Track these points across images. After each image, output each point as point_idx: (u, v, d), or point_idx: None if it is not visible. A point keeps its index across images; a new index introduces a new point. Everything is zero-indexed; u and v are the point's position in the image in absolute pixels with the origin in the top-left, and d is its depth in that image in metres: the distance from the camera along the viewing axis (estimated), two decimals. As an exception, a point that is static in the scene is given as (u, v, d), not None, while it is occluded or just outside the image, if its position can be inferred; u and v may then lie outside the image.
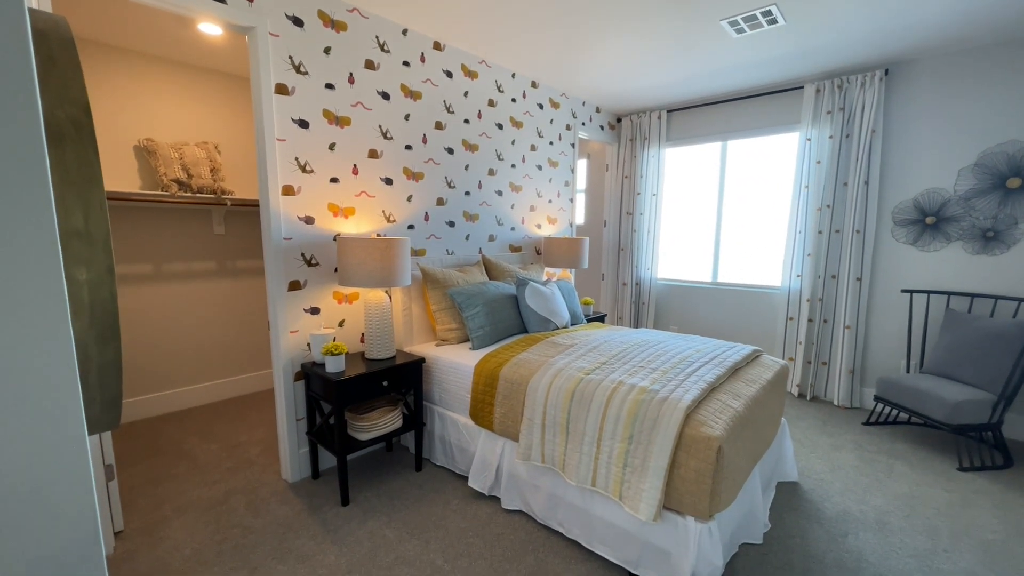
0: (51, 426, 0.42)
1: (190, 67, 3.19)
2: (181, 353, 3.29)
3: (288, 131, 2.20)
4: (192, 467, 2.52)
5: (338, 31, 2.34)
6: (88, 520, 0.45)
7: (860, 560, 1.81)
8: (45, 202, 0.44)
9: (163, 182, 2.98)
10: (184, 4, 1.85)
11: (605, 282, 4.88)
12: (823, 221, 3.52)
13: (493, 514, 2.10)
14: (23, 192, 0.42)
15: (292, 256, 2.29)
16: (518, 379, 2.08)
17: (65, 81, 0.60)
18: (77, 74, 0.60)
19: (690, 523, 1.53)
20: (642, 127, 4.43)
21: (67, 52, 0.60)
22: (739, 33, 2.73)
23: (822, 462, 2.60)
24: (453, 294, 2.58)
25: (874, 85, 3.21)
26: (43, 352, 0.41)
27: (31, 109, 0.43)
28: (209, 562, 1.80)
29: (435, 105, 2.87)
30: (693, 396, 1.67)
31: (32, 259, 0.41)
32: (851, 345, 3.43)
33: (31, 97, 0.43)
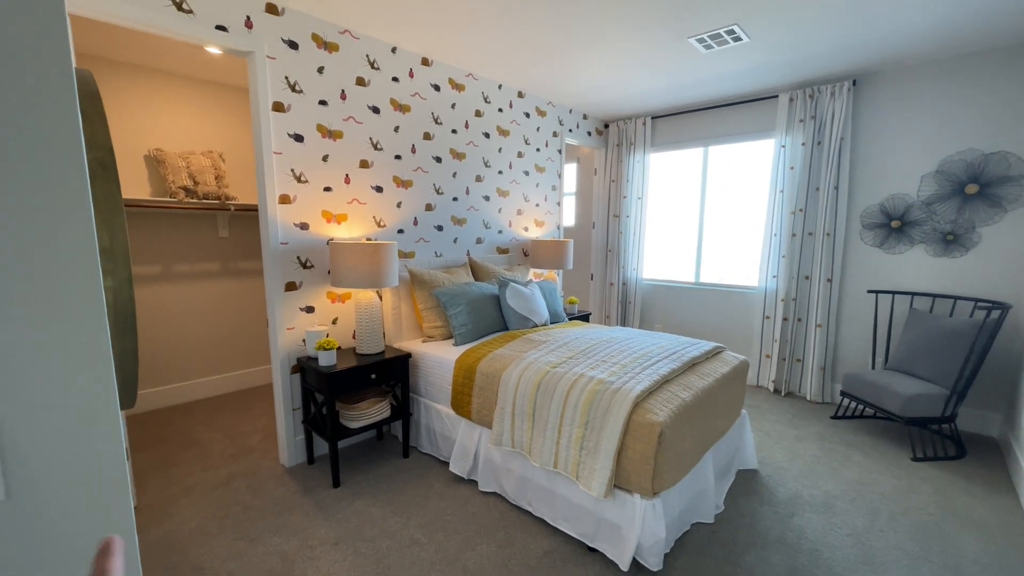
0: (95, 398, 0.61)
1: (196, 81, 3.40)
2: (188, 348, 3.51)
3: (284, 145, 2.41)
4: (198, 453, 2.74)
5: (331, 52, 2.54)
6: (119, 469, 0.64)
7: (800, 537, 1.99)
8: (89, 228, 0.64)
9: (171, 189, 3.19)
10: (191, 33, 2.05)
11: (594, 282, 5.06)
12: (796, 224, 3.69)
13: (471, 496, 2.29)
14: (74, 220, 0.61)
15: (288, 259, 2.49)
16: (493, 372, 2.27)
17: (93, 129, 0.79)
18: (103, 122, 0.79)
19: (637, 500, 1.72)
20: (628, 133, 4.61)
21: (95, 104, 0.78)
22: (708, 49, 2.90)
23: (784, 452, 2.78)
24: (438, 294, 2.77)
25: (843, 95, 3.37)
26: (90, 341, 0.60)
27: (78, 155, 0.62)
28: (212, 534, 2.01)
29: (423, 117, 3.06)
30: (644, 387, 1.86)
31: (81, 271, 0.61)
32: (822, 343, 3.59)
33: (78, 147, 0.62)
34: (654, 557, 1.69)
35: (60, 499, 0.58)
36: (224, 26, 2.15)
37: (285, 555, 1.88)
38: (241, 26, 2.20)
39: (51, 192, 0.55)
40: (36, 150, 0.54)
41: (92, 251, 0.60)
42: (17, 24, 0.51)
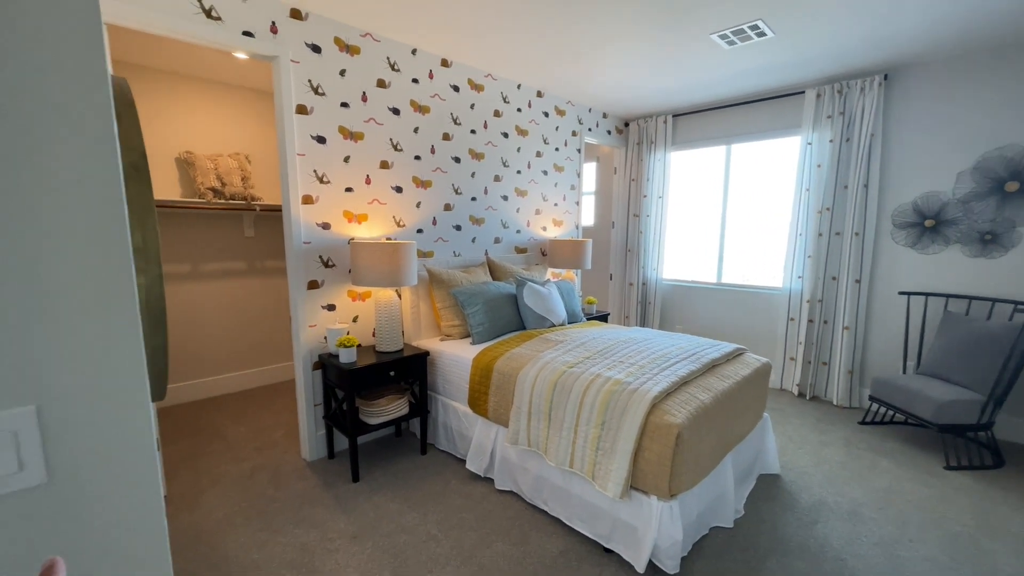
0: (128, 390, 0.64)
1: (223, 85, 3.51)
2: (215, 344, 3.63)
3: (307, 146, 2.46)
4: (224, 446, 2.83)
5: (352, 55, 2.59)
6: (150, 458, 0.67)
7: (824, 545, 1.94)
8: (123, 229, 0.67)
9: (200, 190, 3.30)
10: (219, 40, 2.12)
11: (613, 282, 5.02)
12: (823, 223, 3.58)
13: (487, 494, 2.31)
14: (110, 222, 0.64)
15: (311, 258, 2.55)
16: (509, 371, 2.28)
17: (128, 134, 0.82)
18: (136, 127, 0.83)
19: (653, 501, 1.70)
20: (648, 131, 4.55)
21: (129, 110, 0.82)
22: (731, 45, 2.85)
23: (808, 457, 2.70)
24: (456, 293, 2.80)
25: (873, 90, 3.26)
26: (123, 336, 0.63)
27: (114, 160, 0.65)
28: (237, 524, 2.07)
29: (443, 118, 3.09)
30: (661, 388, 1.84)
31: (115, 270, 0.64)
32: (850, 346, 3.48)
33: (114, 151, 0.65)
34: (671, 560, 1.67)
35: (95, 484, 0.61)
36: (251, 32, 2.21)
37: (306, 547, 1.93)
38: (267, 31, 2.26)
39: (88, 194, 0.58)
40: (74, 154, 0.57)
41: (126, 250, 0.63)
42: (56, 34, 0.54)
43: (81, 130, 0.57)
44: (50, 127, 0.55)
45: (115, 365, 0.62)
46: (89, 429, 0.60)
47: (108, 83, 0.59)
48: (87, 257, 0.59)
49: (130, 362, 0.63)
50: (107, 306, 0.61)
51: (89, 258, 0.59)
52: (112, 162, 0.60)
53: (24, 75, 0.53)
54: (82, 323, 0.59)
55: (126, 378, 0.63)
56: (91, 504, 0.61)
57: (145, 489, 0.65)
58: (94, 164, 0.58)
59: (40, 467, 0.57)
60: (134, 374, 0.63)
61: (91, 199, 0.59)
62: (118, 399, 0.62)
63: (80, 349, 0.59)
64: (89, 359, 0.60)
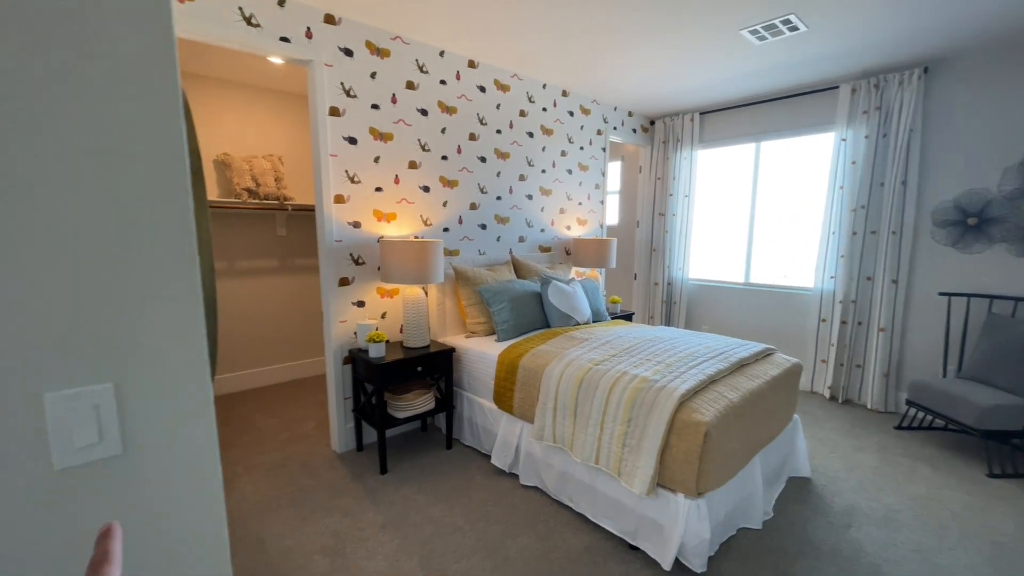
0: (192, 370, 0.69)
1: (257, 89, 3.64)
2: (249, 339, 3.76)
3: (339, 147, 2.54)
4: (257, 437, 2.94)
5: (383, 57, 2.66)
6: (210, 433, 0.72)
7: (858, 550, 1.89)
8: (191, 225, 0.72)
9: (236, 190, 3.44)
10: (259, 46, 2.21)
11: (637, 282, 4.98)
12: (858, 222, 3.48)
13: (512, 488, 2.33)
14: (180, 218, 0.69)
15: (342, 256, 2.63)
16: (535, 368, 2.30)
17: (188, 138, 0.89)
18: (193, 133, 0.89)
19: (680, 499, 1.69)
20: (675, 129, 4.50)
21: (188, 118, 0.88)
22: (761, 41, 2.80)
23: (840, 461, 2.63)
24: (481, 291, 2.83)
25: (912, 83, 3.14)
26: (190, 322, 0.68)
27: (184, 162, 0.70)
28: (271, 510, 2.16)
29: (469, 118, 3.13)
30: (689, 386, 1.83)
31: (184, 261, 0.69)
32: (886, 348, 3.37)
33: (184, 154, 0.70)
34: (698, 558, 1.66)
35: (162, 457, 0.66)
36: (287, 37, 2.30)
37: (337, 534, 1.99)
38: (302, 37, 2.34)
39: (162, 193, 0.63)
40: (151, 157, 0.62)
41: (192, 244, 0.67)
42: (137, 51, 0.59)
43: (158, 136, 0.62)
44: (132, 132, 0.60)
45: (182, 348, 0.66)
46: (158, 406, 0.65)
47: (180, 92, 0.64)
48: (159, 250, 0.64)
49: (194, 346, 0.68)
50: (176, 294, 0.65)
51: (161, 251, 0.64)
52: (182, 164, 0.65)
53: (112, 86, 0.58)
54: (154, 309, 0.64)
55: (191, 360, 0.68)
56: (158, 476, 0.66)
57: (205, 465, 0.70)
58: (168, 166, 0.63)
59: (116, 439, 0.62)
60: (198, 357, 0.68)
61: (164, 198, 0.64)
62: (184, 379, 0.67)
63: (152, 332, 0.64)
64: (160, 342, 0.65)
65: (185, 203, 0.66)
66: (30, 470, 0.57)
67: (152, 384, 0.65)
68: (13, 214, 0.54)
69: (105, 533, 0.33)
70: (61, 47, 0.55)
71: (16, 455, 0.56)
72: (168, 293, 0.65)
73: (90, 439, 0.60)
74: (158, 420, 0.66)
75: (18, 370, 0.55)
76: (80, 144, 0.57)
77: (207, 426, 0.70)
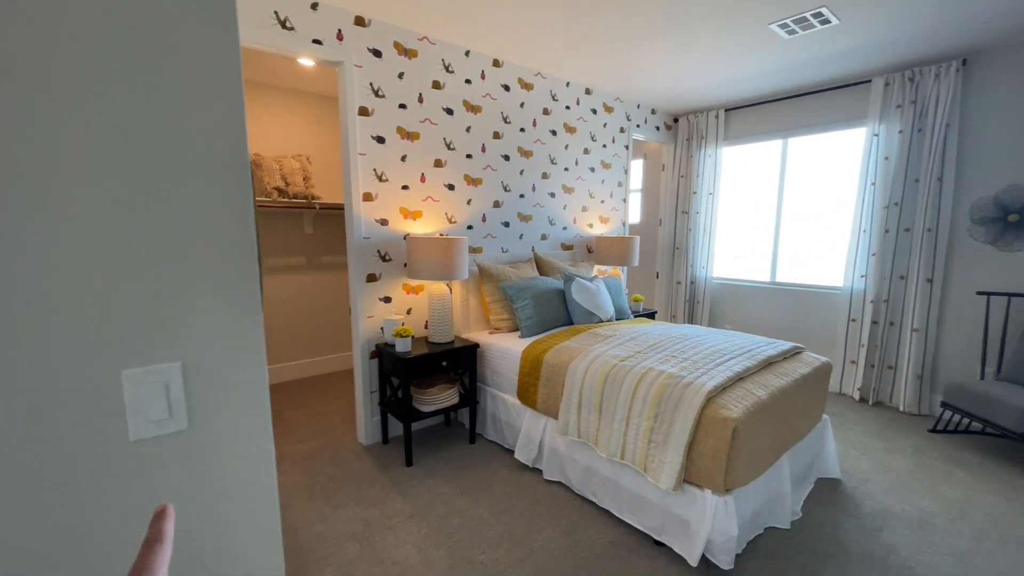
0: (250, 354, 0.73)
1: (287, 90, 3.74)
2: (278, 335, 3.87)
3: (368, 146, 2.60)
4: (287, 428, 3.03)
5: (410, 58, 2.71)
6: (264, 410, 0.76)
7: (890, 552, 1.85)
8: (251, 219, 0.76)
9: (267, 190, 3.54)
10: (292, 48, 2.28)
11: (659, 280, 4.94)
12: (890, 219, 3.38)
13: (535, 483, 2.36)
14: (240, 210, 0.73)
15: (370, 253, 2.69)
16: (559, 364, 2.31)
17: None
18: None
19: (707, 496, 1.69)
20: (699, 127, 4.45)
21: None
22: (791, 35, 2.75)
23: (871, 464, 2.57)
24: (505, 287, 2.86)
25: (950, 76, 3.05)
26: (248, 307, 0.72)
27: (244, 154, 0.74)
28: (302, 499, 2.23)
29: (493, 117, 3.17)
30: (717, 382, 1.82)
31: (244, 252, 0.73)
32: (919, 349, 3.27)
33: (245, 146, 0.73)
34: (725, 555, 1.66)
35: (223, 433, 0.71)
36: (319, 39, 2.36)
37: (367, 522, 2.04)
38: (334, 39, 2.41)
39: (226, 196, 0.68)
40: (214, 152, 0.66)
41: (252, 241, 0.71)
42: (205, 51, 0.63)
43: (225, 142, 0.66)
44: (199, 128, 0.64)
45: (242, 332, 0.71)
46: (220, 385, 0.70)
47: (243, 99, 0.68)
48: (222, 241, 0.68)
49: (252, 330, 0.72)
50: (236, 284, 0.70)
51: (224, 241, 0.68)
52: (244, 157, 0.69)
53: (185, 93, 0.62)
54: (217, 297, 0.68)
55: (249, 343, 0.72)
56: (219, 450, 0.71)
57: (261, 442, 0.74)
58: (232, 158, 0.68)
59: (183, 415, 0.67)
60: (255, 340, 0.72)
61: (228, 190, 0.68)
62: (242, 362, 0.71)
63: (215, 316, 0.68)
64: (221, 326, 0.69)
65: (247, 205, 0.70)
66: (109, 440, 0.62)
67: (215, 364, 0.69)
68: (99, 215, 0.58)
69: (160, 514, 0.35)
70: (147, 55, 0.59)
71: (98, 425, 0.61)
72: (229, 283, 0.69)
73: (161, 413, 0.65)
74: (219, 398, 0.70)
75: (101, 348, 0.60)
76: (154, 150, 0.62)
77: (262, 406, 0.74)
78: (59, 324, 0.57)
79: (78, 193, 0.57)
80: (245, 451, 0.73)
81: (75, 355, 0.58)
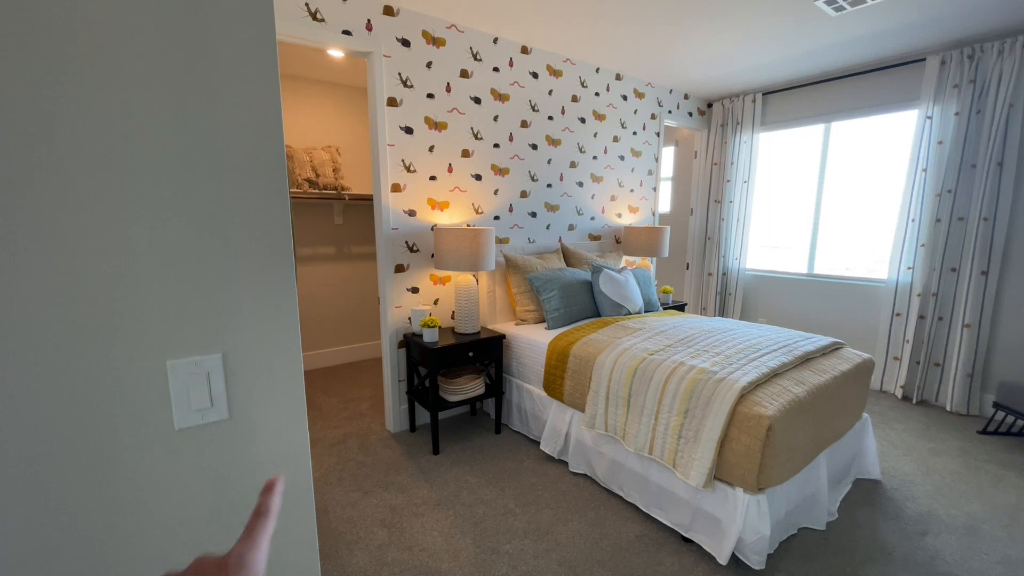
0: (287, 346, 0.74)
1: (317, 82, 3.79)
2: (307, 323, 3.98)
3: (396, 137, 2.61)
4: (318, 414, 3.12)
5: (438, 47, 2.69)
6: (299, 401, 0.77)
7: (934, 558, 1.77)
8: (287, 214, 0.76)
9: (298, 181, 3.61)
10: (322, 39, 2.30)
11: (690, 271, 4.82)
12: (943, 208, 3.18)
13: (561, 475, 2.35)
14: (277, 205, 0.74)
15: (398, 243, 2.71)
16: (587, 356, 2.29)
17: None
18: None
19: (739, 494, 1.65)
20: (734, 112, 4.28)
21: None
22: (838, 11, 2.59)
23: (914, 465, 2.46)
24: (531, 279, 2.84)
25: (1015, 53, 2.82)
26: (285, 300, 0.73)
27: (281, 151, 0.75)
28: (333, 484, 2.29)
29: (521, 105, 3.12)
30: (751, 379, 1.76)
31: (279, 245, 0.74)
32: (971, 346, 3.09)
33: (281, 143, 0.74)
34: (756, 555, 1.62)
35: (260, 421, 0.72)
36: (349, 30, 2.37)
37: (395, 508, 2.09)
38: (363, 29, 2.41)
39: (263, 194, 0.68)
40: (253, 148, 0.67)
41: (288, 238, 0.72)
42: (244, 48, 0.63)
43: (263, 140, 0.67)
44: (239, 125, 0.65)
45: (278, 324, 0.72)
46: (258, 376, 0.71)
47: (279, 85, 0.68)
48: (260, 235, 0.69)
49: (289, 322, 0.73)
50: (273, 275, 0.71)
51: (262, 235, 0.69)
52: (281, 153, 0.69)
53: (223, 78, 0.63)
54: (255, 287, 0.69)
55: (285, 334, 0.73)
56: (257, 439, 0.72)
57: (296, 431, 0.76)
58: (269, 155, 0.68)
59: (224, 405, 0.69)
60: (291, 332, 0.73)
61: (265, 186, 0.68)
62: (279, 352, 0.73)
63: (253, 309, 0.69)
64: (260, 317, 0.70)
65: (283, 200, 0.71)
66: (156, 428, 0.64)
67: (254, 355, 0.70)
68: (143, 212, 0.60)
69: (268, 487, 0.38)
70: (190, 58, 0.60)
71: (145, 414, 0.63)
72: (266, 276, 0.70)
73: (203, 403, 0.67)
74: (258, 387, 0.71)
75: (147, 340, 0.62)
76: (194, 148, 0.62)
77: (298, 396, 0.75)
78: (105, 318, 0.59)
79: (123, 191, 0.58)
80: (282, 439, 0.75)
81: (121, 348, 0.60)
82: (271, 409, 0.73)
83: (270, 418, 0.73)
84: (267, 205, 0.69)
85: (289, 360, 0.74)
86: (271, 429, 0.74)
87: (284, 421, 0.75)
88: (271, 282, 0.71)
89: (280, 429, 0.75)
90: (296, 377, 0.75)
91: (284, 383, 0.74)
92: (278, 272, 0.71)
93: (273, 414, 0.74)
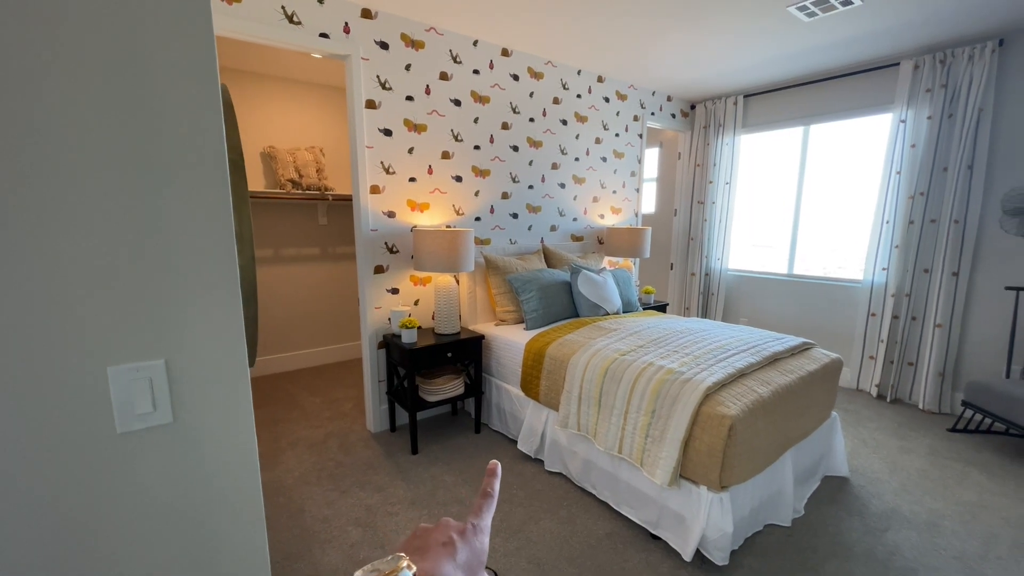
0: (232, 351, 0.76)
1: (299, 83, 3.79)
2: (293, 323, 3.98)
3: (375, 139, 2.63)
4: (300, 414, 3.13)
5: (417, 49, 2.71)
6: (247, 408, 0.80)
7: (893, 553, 1.82)
8: (229, 218, 0.79)
9: (281, 181, 3.62)
10: (300, 42, 2.31)
11: (673, 272, 4.87)
12: (916, 210, 3.25)
13: (536, 474, 2.39)
14: (220, 211, 0.76)
15: (377, 245, 2.73)
16: (561, 357, 2.32)
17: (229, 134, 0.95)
18: (235, 128, 0.95)
19: (703, 492, 1.69)
20: (716, 114, 4.33)
21: (230, 112, 0.94)
22: (811, 17, 2.64)
23: (883, 463, 2.52)
24: (511, 280, 2.87)
25: (984, 58, 2.88)
26: (229, 307, 0.75)
27: (223, 157, 0.77)
28: (312, 483, 2.31)
29: (502, 107, 3.15)
30: (716, 379, 1.80)
31: (224, 251, 0.76)
32: (942, 345, 3.16)
33: (222, 149, 0.76)
34: (720, 552, 1.66)
35: (206, 427, 0.74)
36: (326, 33, 2.38)
37: (370, 508, 2.11)
38: (340, 32, 2.42)
39: (203, 188, 0.70)
40: (192, 153, 0.69)
41: (231, 235, 0.74)
42: (177, 50, 0.65)
43: (199, 134, 0.69)
44: (176, 132, 0.67)
45: (223, 330, 0.74)
46: (203, 381, 0.73)
47: (218, 91, 0.70)
48: (202, 241, 0.71)
49: (233, 328, 0.75)
50: (217, 282, 0.73)
51: (204, 242, 0.71)
52: (222, 159, 0.72)
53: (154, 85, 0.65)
54: (198, 294, 0.71)
55: (231, 341, 0.75)
56: (203, 443, 0.75)
57: (242, 434, 0.78)
58: (209, 161, 0.70)
59: (167, 409, 0.71)
60: (236, 338, 0.76)
61: (205, 192, 0.71)
62: (223, 358, 0.75)
63: (197, 315, 0.71)
64: (203, 324, 0.72)
65: (226, 203, 0.73)
66: (97, 432, 0.66)
67: (197, 361, 0.72)
68: (82, 217, 0.62)
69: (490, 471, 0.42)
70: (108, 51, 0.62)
71: (86, 419, 0.65)
72: (210, 282, 0.72)
73: (146, 408, 0.69)
74: (203, 394, 0.74)
75: (87, 347, 0.64)
76: (133, 153, 0.64)
77: (244, 401, 0.78)
78: (45, 323, 0.61)
79: (62, 195, 0.60)
80: (228, 443, 0.77)
81: (61, 353, 0.62)
82: (217, 413, 0.75)
83: (216, 422, 0.75)
84: (210, 214, 0.71)
85: (234, 365, 0.76)
86: (217, 433, 0.76)
87: (230, 425, 0.77)
88: (215, 290, 0.73)
89: (226, 433, 0.77)
90: (242, 381, 0.77)
91: (230, 388, 0.76)
92: (221, 280, 0.73)
93: (219, 418, 0.76)
